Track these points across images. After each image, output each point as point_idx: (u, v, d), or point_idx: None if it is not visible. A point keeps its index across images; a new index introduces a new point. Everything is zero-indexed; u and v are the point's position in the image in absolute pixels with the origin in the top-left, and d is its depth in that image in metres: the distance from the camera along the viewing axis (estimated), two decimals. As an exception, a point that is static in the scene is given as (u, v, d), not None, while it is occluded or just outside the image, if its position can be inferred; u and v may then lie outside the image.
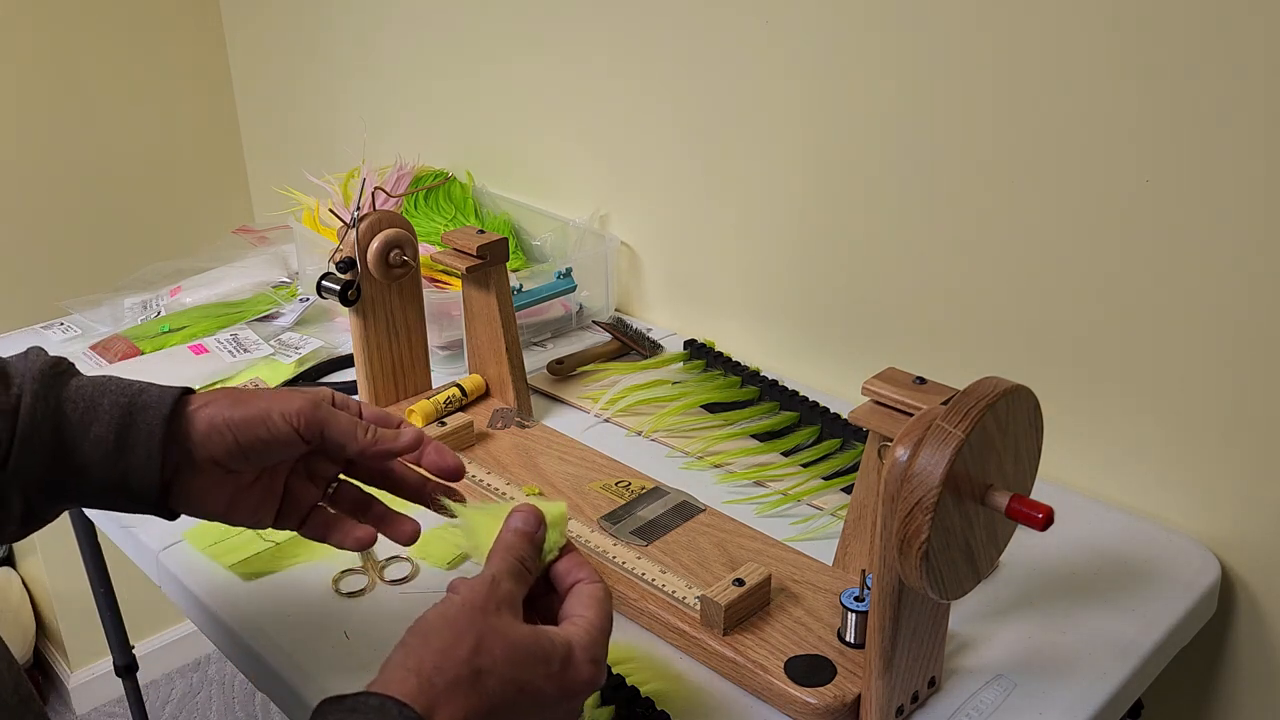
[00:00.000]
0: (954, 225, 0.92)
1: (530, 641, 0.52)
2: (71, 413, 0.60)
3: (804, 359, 1.08)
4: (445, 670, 0.49)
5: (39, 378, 0.61)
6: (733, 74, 1.04)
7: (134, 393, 0.62)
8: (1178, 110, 0.76)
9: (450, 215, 1.30)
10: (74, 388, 0.62)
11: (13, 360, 0.62)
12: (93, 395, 0.61)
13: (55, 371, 0.62)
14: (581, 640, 0.54)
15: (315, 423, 0.61)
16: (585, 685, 0.53)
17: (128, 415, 0.60)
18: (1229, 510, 0.82)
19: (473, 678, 0.49)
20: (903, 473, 0.55)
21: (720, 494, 0.87)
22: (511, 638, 0.52)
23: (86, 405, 0.61)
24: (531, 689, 0.51)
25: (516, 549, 0.56)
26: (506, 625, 0.52)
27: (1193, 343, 0.80)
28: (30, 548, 1.89)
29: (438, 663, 0.49)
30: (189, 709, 2.00)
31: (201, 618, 0.79)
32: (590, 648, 0.54)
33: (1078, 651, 0.71)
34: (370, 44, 1.50)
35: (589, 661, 0.53)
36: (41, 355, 0.63)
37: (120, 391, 0.62)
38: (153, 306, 1.22)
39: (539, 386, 1.04)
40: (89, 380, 0.63)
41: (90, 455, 0.60)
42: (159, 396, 0.61)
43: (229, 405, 0.61)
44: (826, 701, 0.64)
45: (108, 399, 0.61)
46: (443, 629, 0.51)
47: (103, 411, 0.61)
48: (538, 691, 0.51)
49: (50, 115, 1.68)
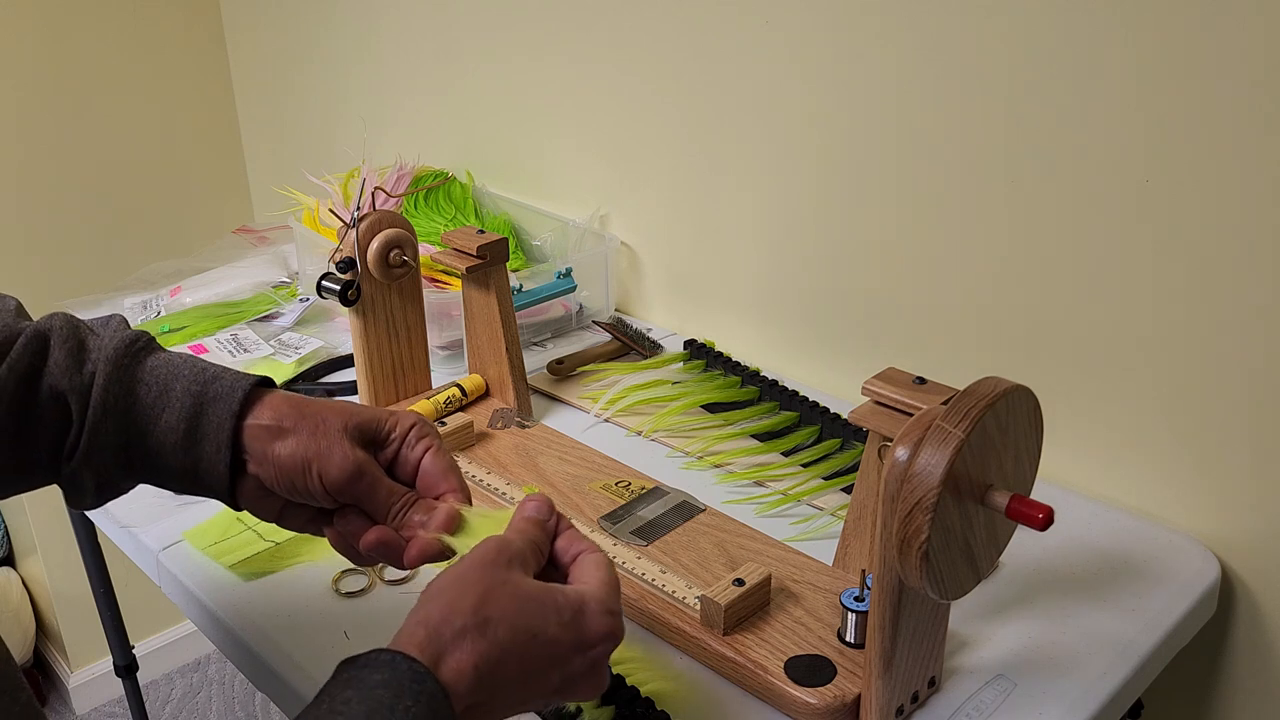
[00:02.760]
0: (954, 225, 0.92)
1: (541, 592, 0.52)
2: (145, 395, 0.60)
3: (804, 359, 1.08)
4: (452, 620, 0.49)
5: (113, 357, 0.60)
6: (733, 74, 1.04)
7: (207, 379, 0.61)
8: (1178, 110, 0.76)
9: (450, 215, 1.30)
10: (149, 368, 0.61)
11: (93, 329, 0.62)
12: (166, 379, 0.61)
13: (133, 350, 0.61)
14: (595, 593, 0.53)
15: (350, 496, 0.61)
16: (603, 637, 0.53)
17: (199, 405, 0.60)
18: (1229, 510, 0.82)
19: (480, 625, 0.49)
20: (903, 473, 0.55)
21: (720, 494, 0.87)
22: (522, 588, 0.52)
23: (160, 390, 0.60)
24: (545, 638, 0.51)
25: (529, 531, 0.56)
26: (516, 579, 0.52)
27: (1193, 342, 0.80)
28: (30, 548, 1.89)
29: (445, 614, 0.50)
30: (189, 709, 2.00)
31: (201, 618, 0.79)
32: (604, 600, 0.53)
33: (1078, 651, 0.71)
34: (370, 44, 1.50)
35: (604, 613, 0.53)
36: (121, 329, 0.63)
37: (194, 378, 0.61)
38: (153, 306, 1.22)
39: (539, 386, 1.04)
40: (164, 360, 0.62)
41: (163, 441, 0.60)
42: (230, 387, 0.61)
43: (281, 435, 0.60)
44: (826, 701, 0.64)
45: (180, 384, 0.61)
46: (452, 584, 0.51)
47: (174, 398, 0.60)
48: (552, 641, 0.51)
49: (50, 115, 1.68)
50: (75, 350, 0.61)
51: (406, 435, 0.63)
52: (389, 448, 0.63)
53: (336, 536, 0.62)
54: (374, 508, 0.61)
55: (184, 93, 1.81)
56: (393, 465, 0.63)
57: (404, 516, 0.61)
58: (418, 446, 0.63)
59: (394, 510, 0.61)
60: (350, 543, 0.61)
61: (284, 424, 0.60)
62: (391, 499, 0.61)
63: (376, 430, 0.63)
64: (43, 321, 0.62)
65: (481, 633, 0.49)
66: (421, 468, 0.62)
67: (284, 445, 0.60)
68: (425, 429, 0.64)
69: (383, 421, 0.63)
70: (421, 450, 0.63)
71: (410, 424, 0.63)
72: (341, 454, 0.60)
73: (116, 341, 0.61)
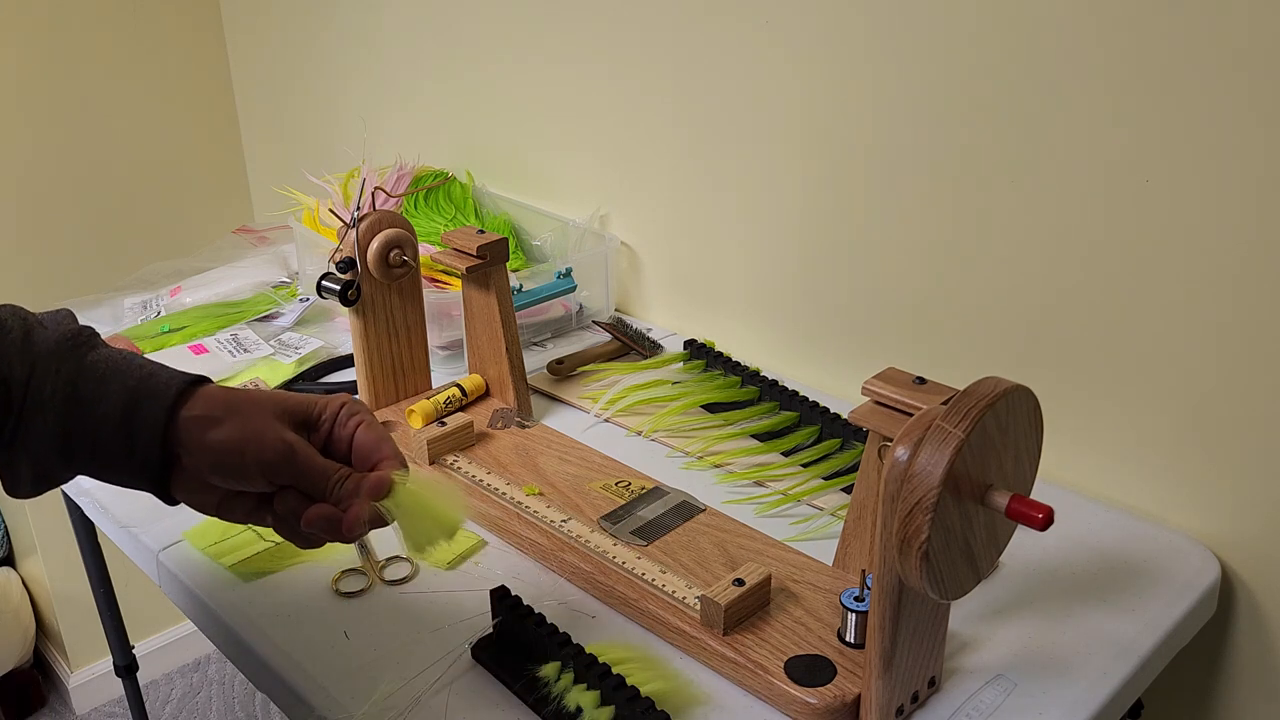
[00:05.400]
0: (954, 226, 0.92)
1: None
2: (84, 388, 0.61)
3: (804, 359, 1.08)
4: None
5: (55, 351, 0.62)
6: (733, 73, 1.04)
7: (144, 375, 0.62)
8: (1178, 110, 0.76)
9: (450, 215, 1.30)
10: (89, 363, 0.62)
11: (41, 322, 0.63)
12: (105, 374, 0.62)
13: (74, 344, 0.63)
14: None
15: (287, 476, 0.61)
16: None
17: (134, 399, 0.61)
18: (1229, 510, 0.82)
19: None
20: (903, 473, 0.55)
21: (720, 494, 0.87)
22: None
23: (98, 383, 0.62)
24: None
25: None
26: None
27: (1192, 342, 0.80)
28: (30, 548, 1.89)
29: None
30: (189, 709, 2.00)
31: (201, 618, 0.79)
32: None
33: (1078, 651, 0.71)
34: (370, 44, 1.50)
35: None
36: (65, 322, 0.64)
37: (131, 374, 0.62)
38: (153, 306, 1.22)
39: (539, 386, 1.04)
40: (105, 356, 0.63)
41: (99, 434, 0.61)
42: (166, 383, 0.62)
43: (214, 424, 0.61)
44: (826, 701, 0.64)
45: (118, 380, 0.62)
46: None
47: (112, 392, 0.61)
48: None
49: (50, 115, 1.68)
50: (19, 341, 0.62)
51: (337, 415, 0.64)
52: (321, 429, 0.64)
53: (277, 521, 0.63)
54: (311, 486, 0.62)
55: (184, 93, 1.81)
56: (328, 445, 0.64)
57: (341, 490, 0.61)
58: (349, 423, 0.64)
59: (331, 486, 0.62)
60: (292, 524, 0.62)
61: (216, 413, 0.62)
62: (328, 474, 0.62)
63: (307, 413, 0.64)
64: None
65: None
66: (355, 441, 0.64)
67: (218, 433, 0.61)
68: (355, 406, 0.65)
69: (313, 405, 0.65)
70: (353, 426, 0.64)
71: (340, 404, 0.65)
72: (274, 435, 0.61)
73: (59, 335, 0.63)
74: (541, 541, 0.79)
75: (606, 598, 0.75)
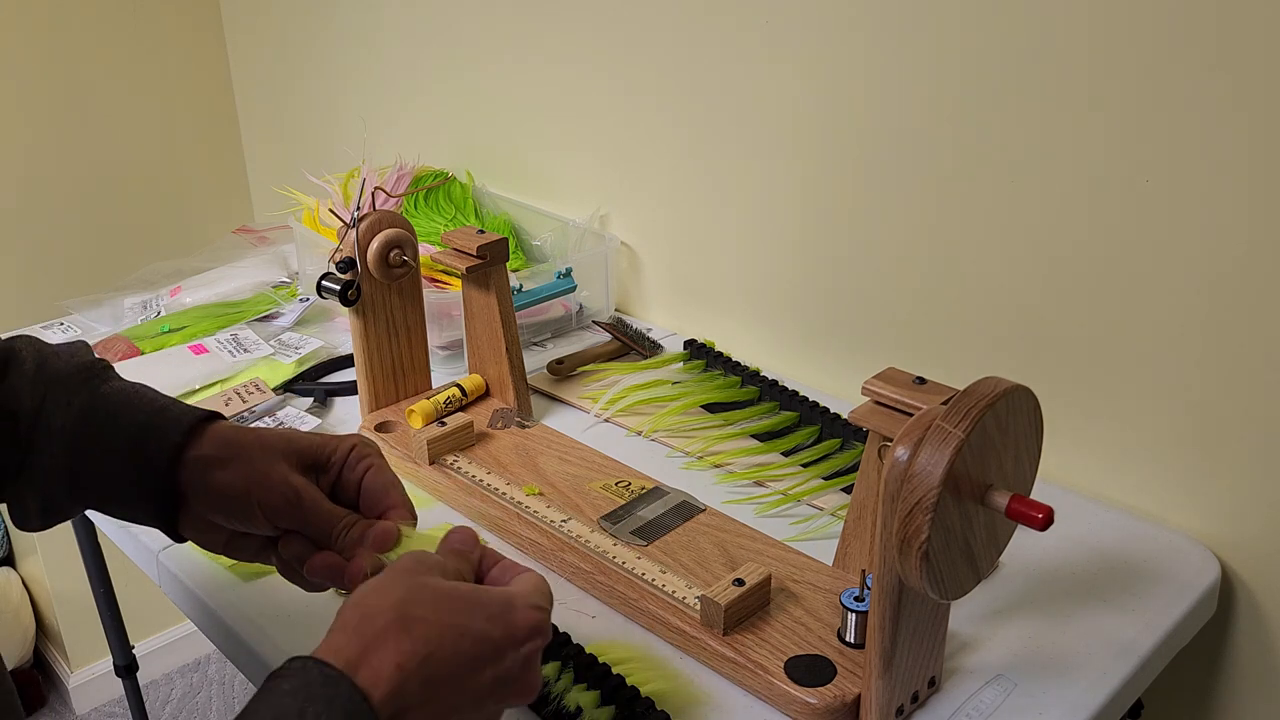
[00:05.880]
0: (954, 226, 0.92)
1: (465, 590, 0.51)
2: (94, 422, 0.61)
3: (804, 359, 1.08)
4: (373, 619, 0.48)
5: (67, 384, 0.61)
6: (732, 74, 1.04)
7: (154, 410, 0.62)
8: (1178, 110, 0.76)
9: (450, 215, 1.30)
10: (101, 396, 0.62)
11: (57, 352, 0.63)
12: (116, 408, 0.61)
13: (86, 377, 0.62)
14: (521, 589, 0.53)
15: (292, 521, 0.60)
16: (531, 630, 0.51)
17: (143, 435, 0.61)
18: (1229, 510, 0.82)
19: (402, 624, 0.48)
20: (903, 473, 0.55)
21: (720, 494, 0.87)
22: (443, 588, 0.51)
23: (108, 418, 0.61)
24: (472, 634, 0.49)
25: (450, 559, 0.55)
26: (436, 581, 0.51)
27: (1192, 342, 0.80)
28: (30, 548, 1.89)
29: (364, 614, 0.48)
30: (189, 709, 2.00)
31: (201, 618, 0.79)
32: (530, 595, 0.52)
33: (1078, 651, 0.71)
34: (370, 44, 1.50)
35: (532, 607, 0.52)
36: (80, 353, 0.63)
37: (142, 408, 0.62)
38: (153, 306, 1.22)
39: (539, 386, 1.04)
40: (117, 389, 0.63)
41: (107, 469, 0.61)
42: (176, 419, 0.61)
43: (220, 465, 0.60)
44: (826, 701, 0.64)
45: (128, 414, 0.61)
46: (372, 590, 0.50)
47: (121, 427, 0.61)
48: (480, 636, 0.49)
49: (51, 115, 1.68)
50: (31, 372, 0.61)
51: (347, 457, 0.63)
52: (331, 471, 0.63)
53: (282, 564, 0.62)
54: (317, 532, 0.60)
55: (184, 93, 1.81)
56: (337, 488, 0.63)
57: (347, 538, 0.60)
58: (358, 467, 0.62)
59: (337, 533, 0.60)
60: (296, 569, 0.61)
61: (223, 454, 0.60)
62: (334, 522, 0.60)
63: (317, 455, 0.62)
64: (4, 343, 0.63)
65: (404, 630, 0.48)
66: (363, 487, 0.62)
67: (223, 475, 0.60)
68: (365, 449, 0.63)
69: (323, 446, 0.63)
70: (362, 470, 0.62)
71: (350, 445, 0.63)
72: (280, 480, 0.60)
73: (73, 366, 0.62)
74: (541, 541, 0.79)
75: (606, 598, 0.75)
